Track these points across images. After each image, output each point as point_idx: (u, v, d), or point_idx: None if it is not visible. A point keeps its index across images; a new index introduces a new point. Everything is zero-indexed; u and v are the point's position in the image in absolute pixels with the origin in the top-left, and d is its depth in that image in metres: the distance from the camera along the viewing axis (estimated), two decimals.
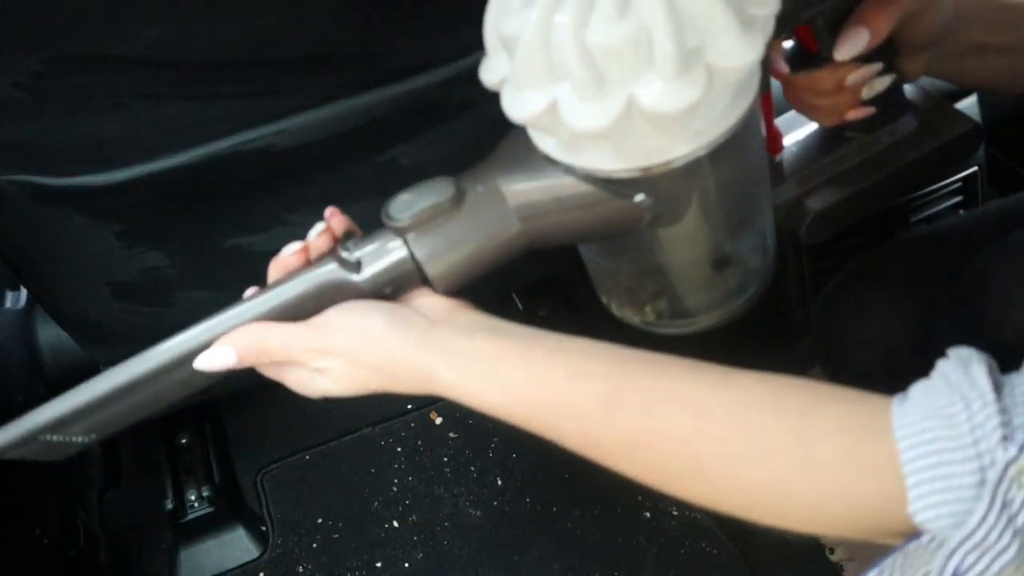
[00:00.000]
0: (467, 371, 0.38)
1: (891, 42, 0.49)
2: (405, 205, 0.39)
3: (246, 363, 0.42)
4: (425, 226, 0.38)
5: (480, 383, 0.38)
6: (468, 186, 0.39)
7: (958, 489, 0.28)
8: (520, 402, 0.37)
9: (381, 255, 0.39)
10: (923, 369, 0.60)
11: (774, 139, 0.54)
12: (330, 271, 0.40)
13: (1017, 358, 0.49)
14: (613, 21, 0.30)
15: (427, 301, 0.41)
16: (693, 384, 0.35)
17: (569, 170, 0.36)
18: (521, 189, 0.38)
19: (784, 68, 0.51)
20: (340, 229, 0.44)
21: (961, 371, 0.31)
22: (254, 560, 1.00)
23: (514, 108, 0.34)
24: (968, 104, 0.73)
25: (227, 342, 0.42)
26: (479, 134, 0.71)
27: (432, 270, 0.39)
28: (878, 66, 0.50)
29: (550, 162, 0.37)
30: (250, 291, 0.44)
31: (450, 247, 0.39)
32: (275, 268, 0.44)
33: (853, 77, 0.50)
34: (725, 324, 0.46)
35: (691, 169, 0.35)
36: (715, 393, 0.34)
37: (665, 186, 0.36)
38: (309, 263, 0.42)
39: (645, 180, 0.35)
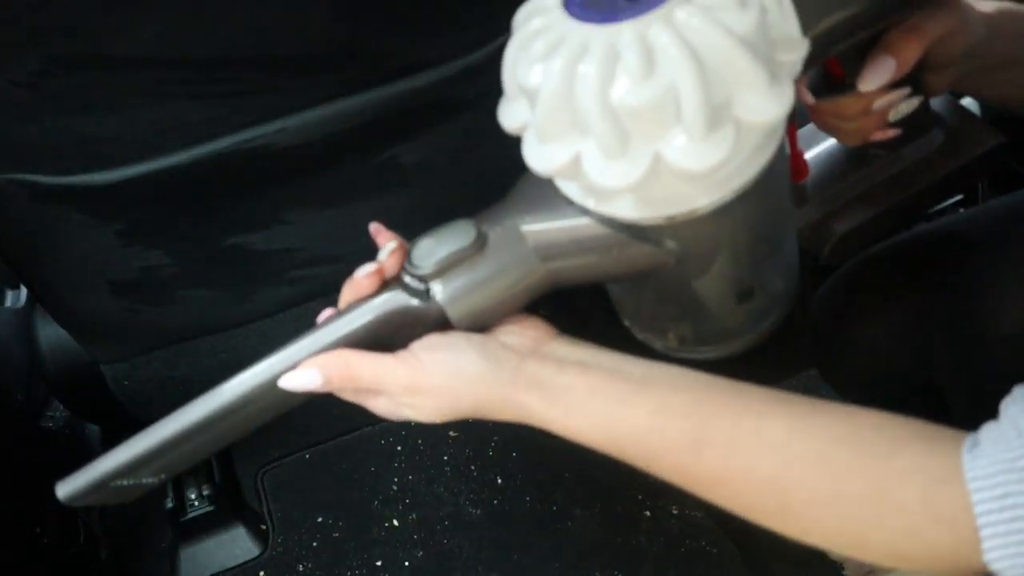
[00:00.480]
0: (559, 406, 0.39)
1: (919, 63, 0.48)
2: (427, 252, 0.39)
3: (331, 388, 0.43)
4: (448, 273, 0.38)
5: (572, 418, 0.39)
6: (489, 228, 0.38)
7: None
8: (611, 437, 0.39)
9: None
10: (919, 370, 0.60)
11: (799, 167, 0.52)
12: (398, 298, 0.40)
13: (1014, 352, 0.49)
14: (638, 80, 0.29)
15: (513, 333, 0.42)
16: (776, 422, 0.36)
17: (592, 214, 0.36)
18: (543, 231, 0.37)
19: (810, 98, 0.49)
20: (405, 248, 0.43)
21: None
22: (254, 559, 1.00)
23: (536, 160, 0.34)
24: (967, 102, 0.73)
25: (315, 365, 0.42)
26: (479, 132, 0.71)
27: (455, 315, 0.39)
28: (906, 91, 0.49)
29: (572, 205, 0.36)
30: (325, 314, 0.43)
31: (473, 292, 0.38)
32: (349, 290, 0.43)
33: (880, 103, 0.49)
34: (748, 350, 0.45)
35: (717, 215, 0.34)
36: (797, 433, 0.35)
37: (691, 232, 0.35)
38: (384, 284, 0.41)
39: (670, 227, 0.35)
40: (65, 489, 0.41)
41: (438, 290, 0.38)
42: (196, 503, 0.99)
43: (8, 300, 0.95)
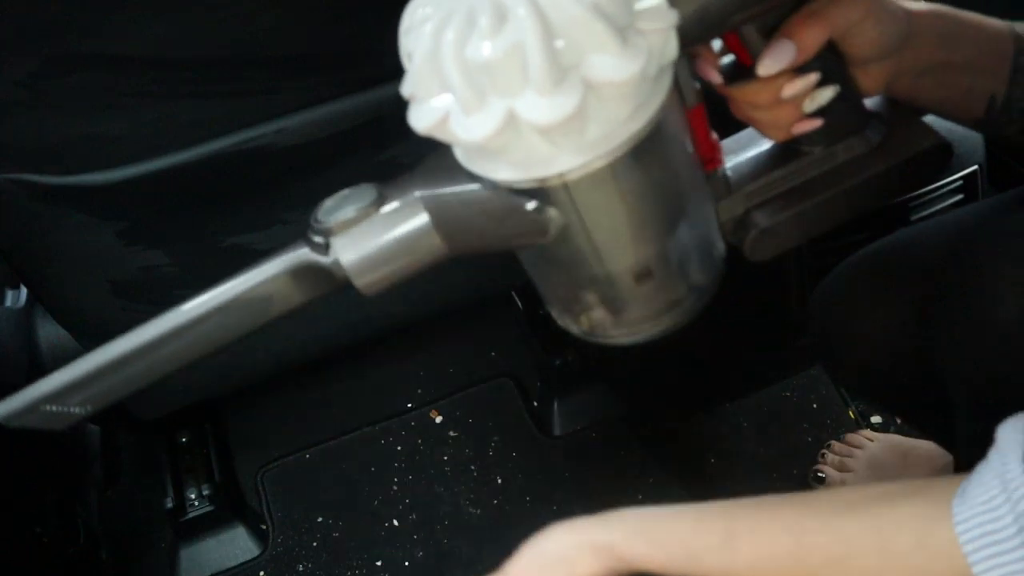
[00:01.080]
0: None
1: (837, 54, 0.47)
2: (329, 211, 0.41)
3: None
4: (347, 231, 0.40)
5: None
6: (390, 193, 0.40)
7: (1018, 573, 0.34)
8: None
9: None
10: (920, 364, 0.60)
11: (710, 154, 0.49)
12: (302, 253, 0.41)
13: (1014, 347, 0.49)
14: (488, 37, 0.32)
15: None
16: (789, 509, 0.43)
17: (476, 179, 0.38)
18: (434, 195, 0.39)
19: (717, 79, 0.48)
20: None
21: (1005, 458, 0.37)
22: (254, 558, 1.00)
23: (413, 118, 0.36)
24: None
25: None
26: None
27: (352, 270, 0.40)
28: (812, 78, 0.47)
29: (462, 171, 0.38)
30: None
31: (369, 251, 0.40)
32: None
33: (788, 90, 0.47)
34: (667, 334, 0.45)
35: (591, 182, 0.36)
36: (809, 510, 0.43)
37: (567, 199, 0.37)
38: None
39: (545, 192, 0.37)
40: (2, 409, 0.44)
41: (337, 246, 0.40)
42: (196, 503, 0.99)
43: (8, 300, 0.95)
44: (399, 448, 1.07)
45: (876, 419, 1.07)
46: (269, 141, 0.60)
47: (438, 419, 1.09)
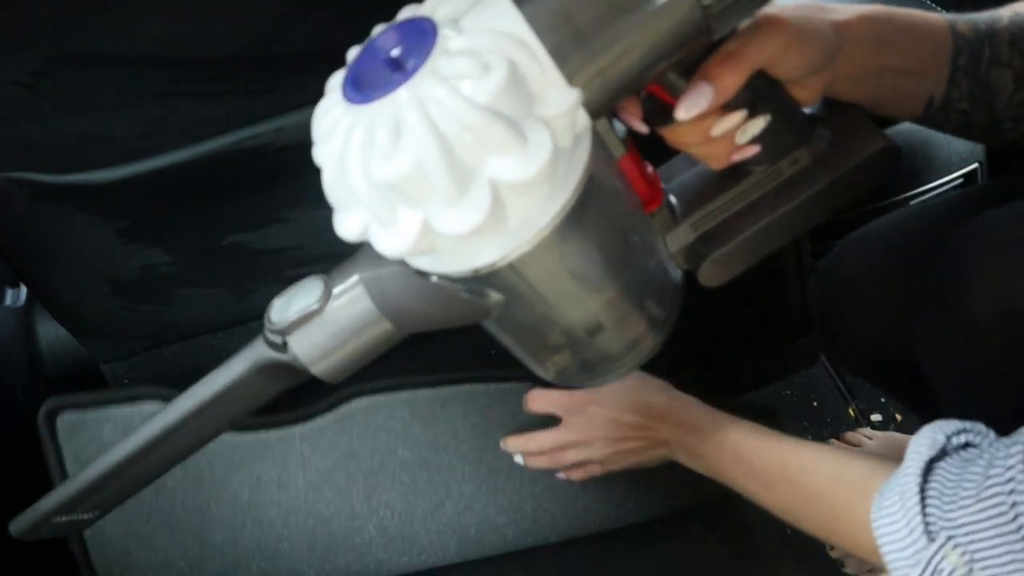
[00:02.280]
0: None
1: (766, 79, 0.45)
2: (280, 310, 0.41)
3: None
4: (300, 328, 0.40)
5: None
6: (334, 284, 0.40)
7: (907, 568, 0.41)
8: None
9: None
10: (908, 351, 0.60)
11: (649, 196, 0.47)
12: (261, 351, 0.42)
13: (984, 334, 0.49)
14: (388, 156, 0.31)
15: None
16: (810, 476, 0.55)
17: (412, 267, 0.38)
18: (377, 284, 0.39)
19: (641, 128, 0.45)
20: None
21: (906, 470, 0.43)
22: None
23: (337, 227, 0.36)
24: None
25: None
26: None
27: (311, 365, 0.41)
28: (738, 116, 0.45)
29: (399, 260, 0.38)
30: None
31: (323, 345, 0.41)
32: None
33: (716, 129, 0.45)
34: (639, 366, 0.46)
35: (521, 264, 0.35)
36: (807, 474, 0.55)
37: (500, 281, 0.36)
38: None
39: (483, 279, 0.36)
40: (16, 526, 0.48)
41: (293, 343, 0.41)
42: None
43: (8, 298, 0.95)
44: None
45: (876, 417, 1.07)
46: (268, 140, 0.60)
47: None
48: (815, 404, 1.08)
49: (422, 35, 0.32)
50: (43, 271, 0.76)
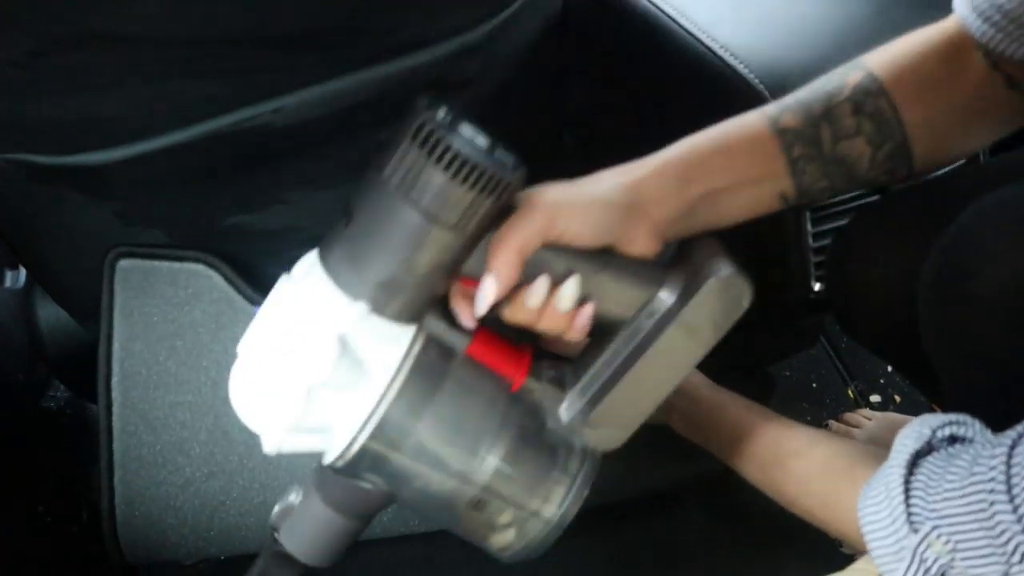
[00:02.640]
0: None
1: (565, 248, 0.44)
2: (280, 506, 0.50)
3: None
4: (284, 524, 0.49)
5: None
6: (305, 479, 0.49)
7: (888, 555, 0.44)
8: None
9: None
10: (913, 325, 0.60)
11: (514, 372, 0.48)
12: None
13: (990, 319, 0.49)
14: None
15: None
16: (802, 461, 0.56)
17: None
18: (318, 479, 0.48)
19: (470, 324, 0.45)
20: None
21: (892, 463, 0.45)
22: None
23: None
24: None
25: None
26: (479, 110, 0.71)
27: (297, 554, 0.49)
28: (543, 285, 0.45)
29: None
30: None
31: (304, 537, 0.49)
32: None
33: (529, 303, 0.45)
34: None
35: (374, 446, 0.44)
36: (807, 460, 0.56)
37: (370, 466, 0.45)
38: None
39: (356, 467, 0.45)
40: None
41: (280, 536, 0.49)
42: None
43: (7, 280, 0.95)
44: None
45: (875, 398, 1.07)
46: (267, 120, 0.60)
47: None
48: (814, 385, 1.08)
49: None
50: (42, 253, 0.75)
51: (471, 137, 0.41)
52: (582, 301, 0.46)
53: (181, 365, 0.77)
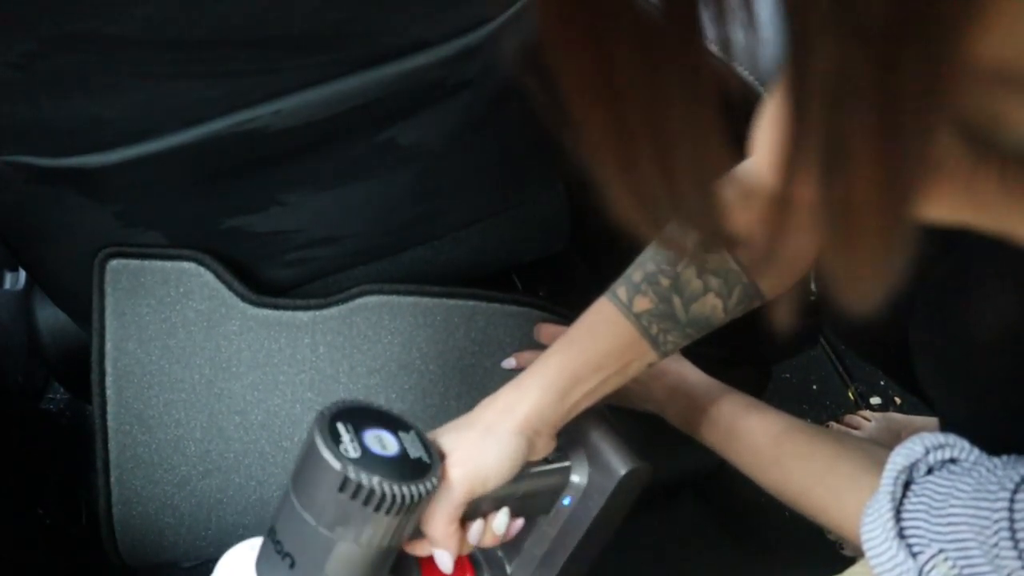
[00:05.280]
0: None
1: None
2: None
3: None
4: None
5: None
6: None
7: (884, 566, 0.44)
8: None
9: None
10: (913, 348, 0.60)
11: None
12: None
13: (988, 360, 0.49)
14: None
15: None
16: (805, 463, 0.56)
17: None
18: None
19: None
20: None
21: (884, 482, 0.46)
22: None
23: None
24: None
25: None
26: (478, 112, 0.71)
27: None
28: (478, 525, 0.54)
29: None
30: None
31: None
32: None
33: (472, 541, 0.54)
34: None
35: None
36: (812, 464, 0.56)
37: None
38: None
39: None
40: None
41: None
42: None
43: (7, 282, 0.95)
44: None
45: (875, 400, 1.07)
46: (266, 122, 0.60)
47: None
48: (815, 387, 1.08)
49: None
50: (41, 255, 0.75)
51: (381, 450, 0.48)
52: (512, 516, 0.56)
53: (174, 364, 0.77)
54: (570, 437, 0.59)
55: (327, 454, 0.45)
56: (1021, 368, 0.48)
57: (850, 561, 0.54)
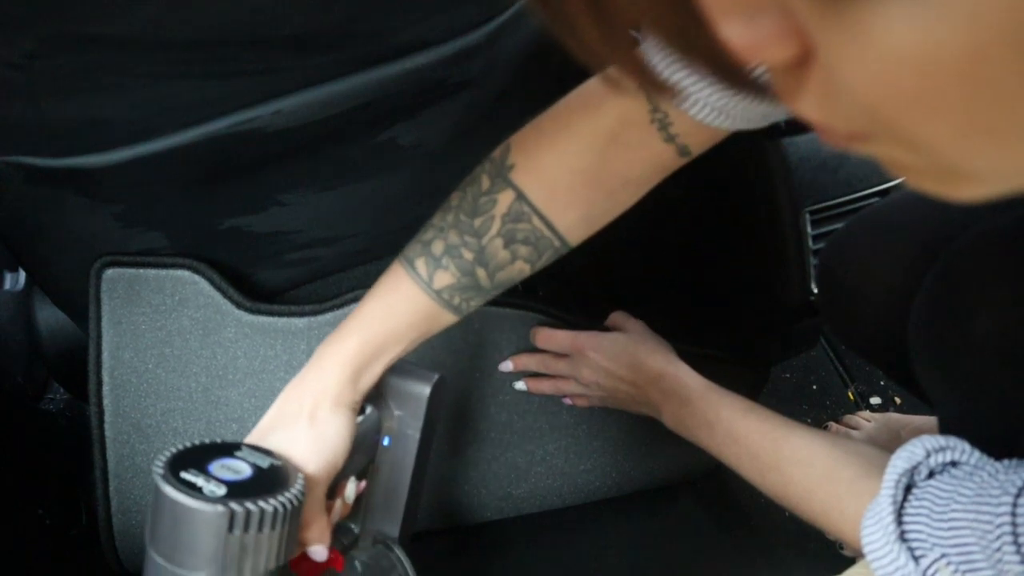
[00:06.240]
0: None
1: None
2: None
3: None
4: None
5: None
6: None
7: (885, 569, 0.44)
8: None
9: None
10: (913, 348, 0.59)
11: (333, 563, 0.57)
12: None
13: (981, 357, 0.49)
14: None
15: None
16: (804, 468, 0.56)
17: None
18: None
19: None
20: None
21: (885, 488, 0.46)
22: None
23: None
24: None
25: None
26: (477, 112, 0.71)
27: None
28: (339, 504, 0.57)
29: None
30: None
31: None
32: None
33: (336, 514, 0.57)
34: None
35: None
36: (809, 468, 0.56)
37: None
38: None
39: None
40: None
41: None
42: None
43: (7, 283, 0.95)
44: None
45: (875, 400, 1.07)
46: (266, 123, 0.60)
47: None
48: (814, 387, 1.08)
49: None
50: (41, 255, 0.75)
51: (236, 476, 0.48)
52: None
53: (171, 372, 0.77)
54: (373, 398, 0.62)
55: (200, 504, 0.44)
56: (1016, 365, 0.48)
57: (849, 562, 0.54)
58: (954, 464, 0.45)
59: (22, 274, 0.94)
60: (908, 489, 0.45)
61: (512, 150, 0.53)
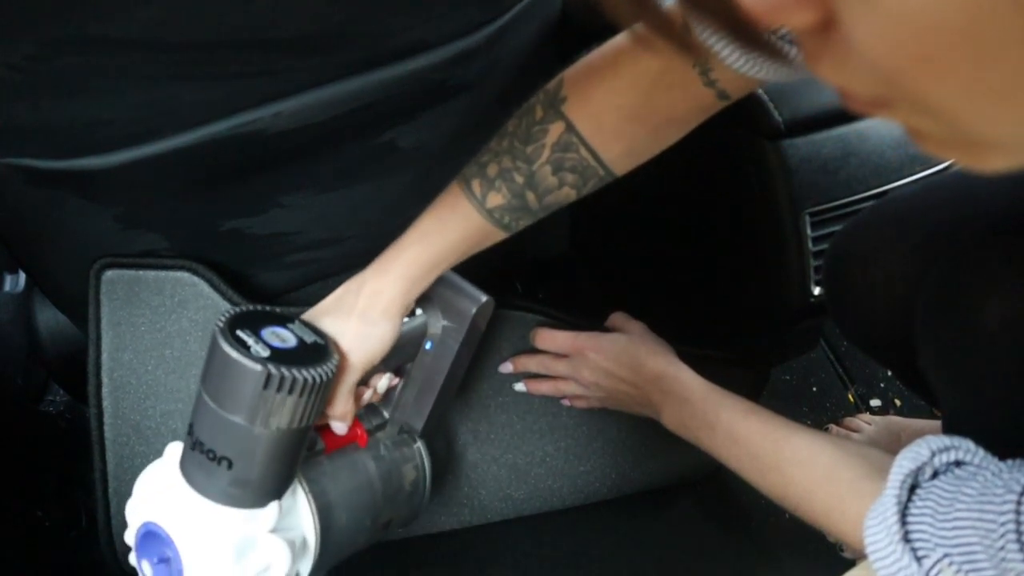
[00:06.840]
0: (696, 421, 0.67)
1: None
2: None
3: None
4: None
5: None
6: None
7: (888, 569, 0.44)
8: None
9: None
10: (919, 341, 0.59)
11: (357, 437, 0.66)
12: None
13: (988, 348, 0.49)
14: None
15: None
16: (805, 469, 0.57)
17: None
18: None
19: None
20: None
21: (890, 487, 0.46)
22: None
23: None
24: None
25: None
26: (477, 115, 0.71)
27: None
28: (368, 391, 0.64)
29: None
30: None
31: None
32: None
33: (366, 399, 0.65)
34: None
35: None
36: (808, 467, 0.56)
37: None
38: None
39: None
40: None
41: None
42: None
43: (7, 284, 0.95)
44: None
45: (875, 402, 1.07)
46: (266, 124, 0.60)
47: None
48: (814, 389, 1.08)
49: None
50: (41, 257, 0.75)
51: (282, 344, 0.54)
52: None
53: (170, 374, 0.77)
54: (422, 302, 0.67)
55: (245, 361, 0.51)
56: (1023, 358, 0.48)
57: (850, 564, 0.54)
58: (958, 464, 0.45)
59: (22, 276, 0.94)
60: (912, 489, 0.45)
61: (564, 84, 0.56)
